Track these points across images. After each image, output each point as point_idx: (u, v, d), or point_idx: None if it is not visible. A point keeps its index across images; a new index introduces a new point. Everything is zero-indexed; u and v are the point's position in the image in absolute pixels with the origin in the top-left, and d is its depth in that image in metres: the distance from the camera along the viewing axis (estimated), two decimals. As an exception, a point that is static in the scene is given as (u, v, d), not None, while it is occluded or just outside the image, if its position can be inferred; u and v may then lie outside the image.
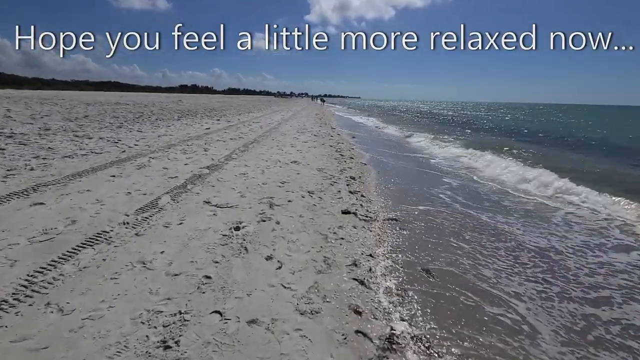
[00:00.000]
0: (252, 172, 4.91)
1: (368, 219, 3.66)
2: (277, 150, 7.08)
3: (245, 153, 6.41)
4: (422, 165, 7.57)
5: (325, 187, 4.64)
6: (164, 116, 12.42)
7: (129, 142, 6.37)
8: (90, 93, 37.50)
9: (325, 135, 10.85)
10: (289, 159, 6.24)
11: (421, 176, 6.49)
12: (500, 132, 17.14)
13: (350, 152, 8.18)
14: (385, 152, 8.99)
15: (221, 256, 2.37)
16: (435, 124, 22.52)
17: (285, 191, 4.20)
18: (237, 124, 11.95)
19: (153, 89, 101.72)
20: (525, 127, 21.29)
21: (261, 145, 7.47)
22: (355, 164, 6.89)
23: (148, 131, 8.22)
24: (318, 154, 7.22)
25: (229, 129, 10.21)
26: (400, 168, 6.97)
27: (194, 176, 4.33)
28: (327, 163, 6.27)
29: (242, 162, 5.57)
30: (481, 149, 8.97)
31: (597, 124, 26.70)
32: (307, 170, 5.44)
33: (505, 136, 15.07)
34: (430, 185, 5.79)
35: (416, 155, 8.85)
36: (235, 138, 8.24)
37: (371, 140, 11.48)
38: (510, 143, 11.97)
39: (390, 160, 7.64)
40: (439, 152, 9.39)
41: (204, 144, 7.00)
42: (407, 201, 4.52)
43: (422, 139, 11.96)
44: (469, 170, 6.97)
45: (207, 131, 9.24)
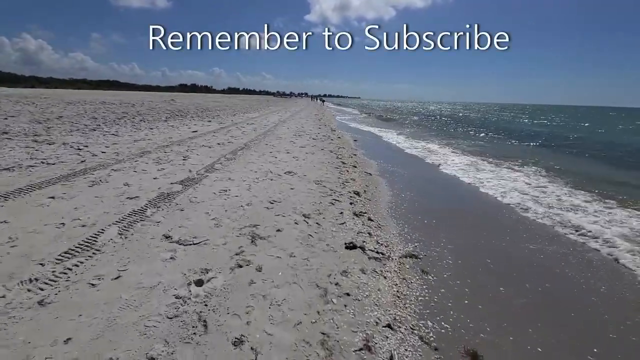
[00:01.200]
0: (236, 188, 4.09)
1: (380, 257, 2.85)
2: (270, 157, 6.27)
3: (231, 162, 5.59)
4: (441, 175, 6.76)
5: (325, 207, 3.83)
6: (149, 117, 11.59)
7: (95, 149, 5.55)
8: (82, 92, 36.65)
9: (325, 139, 10.05)
10: (283, 168, 5.43)
11: (443, 191, 5.69)
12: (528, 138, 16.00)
13: (353, 159, 7.38)
14: (393, 159, 8.18)
15: (162, 344, 1.55)
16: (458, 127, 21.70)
17: (275, 215, 3.38)
18: (229, 126, 11.13)
19: (152, 88, 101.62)
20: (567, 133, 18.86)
21: (252, 152, 6.66)
22: (359, 173, 6.08)
23: (125, 134, 7.39)
24: (317, 161, 6.41)
25: (218, 132, 9.39)
26: (416, 179, 6.15)
27: (160, 196, 3.51)
28: (327, 173, 5.46)
29: (226, 174, 4.75)
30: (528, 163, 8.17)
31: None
32: (303, 184, 4.63)
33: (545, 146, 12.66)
34: (457, 204, 5.04)
35: (434, 163, 8.04)
36: (223, 143, 7.42)
37: (376, 145, 10.68)
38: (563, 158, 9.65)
39: (401, 170, 6.83)
40: (461, 162, 8.56)
41: (186, 150, 6.18)
42: (427, 226, 3.70)
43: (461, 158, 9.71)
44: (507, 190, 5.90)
45: (194, 134, 8.42)
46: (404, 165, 7.34)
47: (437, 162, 7.98)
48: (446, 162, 8.07)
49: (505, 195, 5.25)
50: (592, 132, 20.29)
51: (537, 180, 6.33)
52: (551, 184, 6.07)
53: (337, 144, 9.42)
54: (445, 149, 10.47)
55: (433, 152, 9.72)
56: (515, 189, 5.58)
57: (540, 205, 4.75)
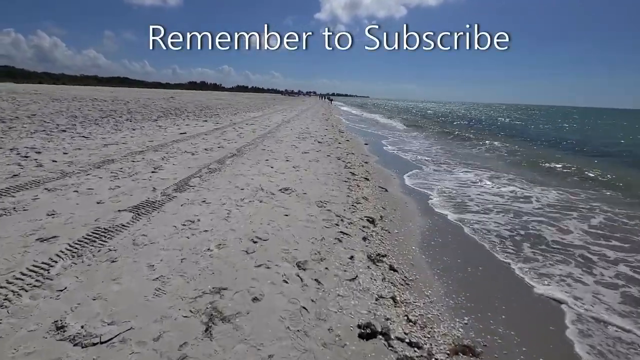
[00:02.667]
0: (209, 217, 3.06)
1: (415, 356, 1.77)
2: (265, 167, 5.24)
3: (214, 175, 4.57)
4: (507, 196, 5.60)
5: (328, 248, 2.77)
6: (139, 116, 10.71)
7: (48, 156, 4.60)
8: (82, 87, 36.39)
9: (332, 142, 8.99)
10: (279, 183, 4.39)
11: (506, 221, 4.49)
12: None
13: (364, 169, 6.30)
14: (413, 166, 7.04)
15: None
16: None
17: (255, 265, 2.34)
18: (225, 127, 10.16)
19: (162, 85, 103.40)
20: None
21: (244, 160, 5.64)
22: (372, 189, 5.00)
23: (98, 137, 6.47)
24: (321, 172, 5.36)
25: (211, 134, 8.41)
26: (455, 196, 5.02)
27: (90, 235, 2.49)
28: (333, 189, 4.40)
29: (202, 193, 3.73)
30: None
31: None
32: (301, 208, 3.58)
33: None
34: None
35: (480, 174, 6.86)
36: (212, 148, 6.42)
37: (392, 149, 9.55)
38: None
39: (429, 182, 5.69)
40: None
41: (161, 158, 5.19)
42: (480, 281, 2.58)
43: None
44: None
45: (180, 137, 7.45)
46: (434, 177, 6.22)
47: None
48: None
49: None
50: (626, 137, 18.62)
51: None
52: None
53: (346, 149, 8.35)
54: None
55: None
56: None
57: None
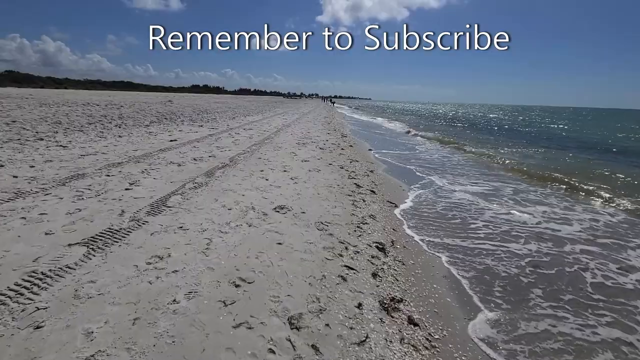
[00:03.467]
0: (182, 251, 2.48)
1: None
2: (260, 180, 4.68)
3: (199, 190, 4.01)
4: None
5: (330, 290, 2.19)
6: (130, 121, 10.22)
7: (9, 171, 4.07)
8: (84, 92, 36.22)
9: (334, 148, 8.42)
10: (274, 200, 3.82)
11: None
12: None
13: (370, 179, 5.71)
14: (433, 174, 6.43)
15: None
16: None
17: (233, 327, 1.77)
18: (220, 133, 9.63)
19: (165, 88, 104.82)
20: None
21: (237, 171, 5.08)
22: (381, 204, 4.42)
23: (77, 146, 5.95)
24: (322, 183, 4.79)
25: (203, 141, 7.88)
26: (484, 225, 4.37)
27: (22, 283, 1.92)
28: (335, 205, 3.83)
29: (180, 216, 3.16)
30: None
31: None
32: (298, 233, 3.00)
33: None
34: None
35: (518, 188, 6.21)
36: (202, 157, 5.87)
37: (401, 156, 8.94)
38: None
39: (449, 196, 5.07)
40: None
41: (142, 170, 4.64)
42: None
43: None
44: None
45: (170, 145, 6.91)
46: (449, 189, 5.59)
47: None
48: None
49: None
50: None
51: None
52: None
53: (349, 156, 7.78)
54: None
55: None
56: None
57: None
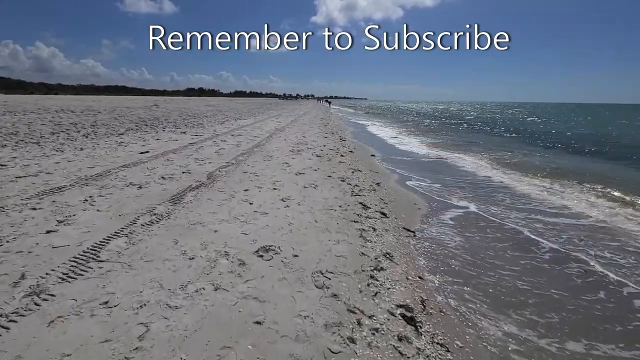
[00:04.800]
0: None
1: None
2: (241, 204, 3.69)
3: (154, 228, 3.01)
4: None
5: None
6: (102, 129, 9.21)
7: None
8: (69, 97, 35.10)
9: (333, 155, 7.46)
10: (256, 236, 2.84)
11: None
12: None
13: (378, 194, 4.74)
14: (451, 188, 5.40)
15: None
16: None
17: None
18: (204, 140, 8.64)
19: (159, 92, 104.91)
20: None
21: (213, 193, 4.09)
22: (396, 232, 3.44)
23: (19, 163, 4.94)
24: (320, 206, 3.82)
25: (181, 151, 6.88)
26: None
27: None
28: (339, 240, 2.85)
29: (111, 279, 2.16)
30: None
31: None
32: (287, 299, 2.01)
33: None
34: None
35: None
36: (172, 175, 4.88)
37: (411, 164, 7.97)
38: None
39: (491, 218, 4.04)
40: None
41: (86, 198, 3.63)
42: None
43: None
44: None
45: (139, 158, 5.91)
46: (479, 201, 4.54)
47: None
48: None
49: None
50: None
51: None
52: None
53: (350, 163, 6.82)
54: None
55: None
56: None
57: None
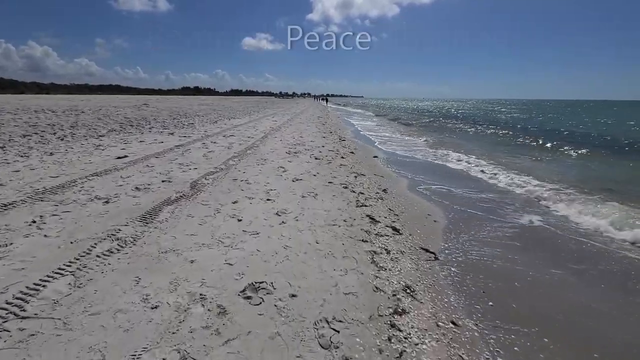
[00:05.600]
0: None
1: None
2: (228, 221, 3.07)
3: (114, 259, 2.38)
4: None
5: None
6: (82, 131, 8.53)
7: None
8: (58, 97, 34.20)
9: (333, 157, 6.85)
10: (244, 267, 2.21)
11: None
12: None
13: (386, 204, 4.12)
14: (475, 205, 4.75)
15: None
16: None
17: None
18: (192, 142, 7.98)
19: (154, 91, 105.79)
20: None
21: (195, 207, 3.46)
22: (412, 254, 2.82)
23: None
24: (322, 219, 3.21)
25: (166, 154, 6.24)
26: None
27: None
28: (346, 269, 2.24)
29: (24, 355, 1.54)
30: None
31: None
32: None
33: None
34: None
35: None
36: (149, 185, 4.25)
37: (414, 166, 7.34)
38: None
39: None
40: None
41: (34, 219, 2.99)
42: None
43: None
44: None
45: (114, 164, 5.26)
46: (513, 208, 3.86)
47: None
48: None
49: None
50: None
51: None
52: None
53: (352, 166, 6.21)
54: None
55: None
56: None
57: None
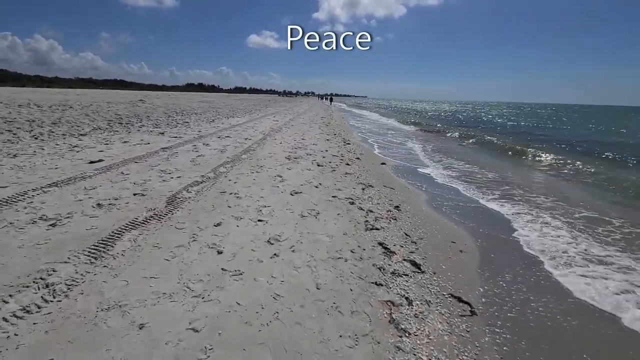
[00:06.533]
0: None
1: None
2: (205, 252, 2.37)
3: (24, 327, 1.69)
4: None
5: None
6: (64, 128, 7.88)
7: None
8: (54, 90, 33.64)
9: (338, 163, 6.15)
10: (218, 327, 1.50)
11: None
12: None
13: (400, 225, 3.38)
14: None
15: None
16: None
17: None
18: (183, 143, 7.30)
19: (158, 87, 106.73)
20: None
21: (166, 233, 2.77)
22: (445, 310, 2.08)
23: None
24: (324, 249, 2.52)
25: (148, 159, 5.55)
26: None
27: None
28: (357, 337, 1.54)
29: None
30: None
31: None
32: None
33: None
34: None
35: None
36: (115, 200, 3.56)
37: (427, 177, 6.59)
38: None
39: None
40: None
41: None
42: None
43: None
44: None
45: (84, 170, 4.58)
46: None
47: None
48: None
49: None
50: None
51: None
52: None
53: (359, 175, 5.51)
54: None
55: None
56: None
57: None
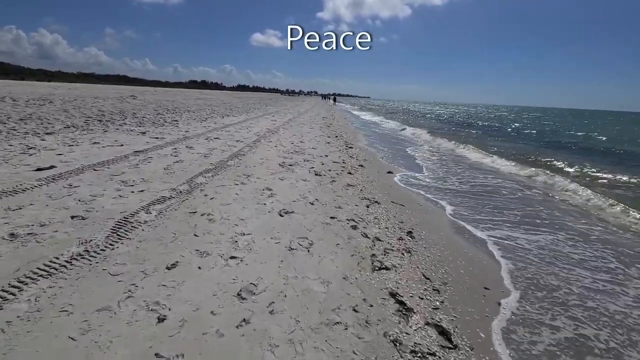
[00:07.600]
0: None
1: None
2: (139, 318, 1.55)
3: None
4: None
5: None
6: (31, 125, 7.13)
7: None
8: (49, 84, 33.10)
9: (339, 172, 5.35)
10: None
11: None
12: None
13: (416, 262, 2.53)
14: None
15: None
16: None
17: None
18: (163, 145, 6.50)
19: (161, 83, 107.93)
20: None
21: (94, 279, 1.96)
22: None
23: None
24: (318, 310, 1.67)
25: (115, 164, 4.76)
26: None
27: None
28: None
29: None
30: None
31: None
32: None
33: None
34: None
35: None
36: (43, 226, 2.76)
37: (445, 190, 5.72)
38: None
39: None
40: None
41: None
42: None
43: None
44: None
45: (28, 179, 3.79)
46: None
47: None
48: None
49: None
50: None
51: None
52: None
53: (362, 187, 4.71)
54: None
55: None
56: None
57: None
